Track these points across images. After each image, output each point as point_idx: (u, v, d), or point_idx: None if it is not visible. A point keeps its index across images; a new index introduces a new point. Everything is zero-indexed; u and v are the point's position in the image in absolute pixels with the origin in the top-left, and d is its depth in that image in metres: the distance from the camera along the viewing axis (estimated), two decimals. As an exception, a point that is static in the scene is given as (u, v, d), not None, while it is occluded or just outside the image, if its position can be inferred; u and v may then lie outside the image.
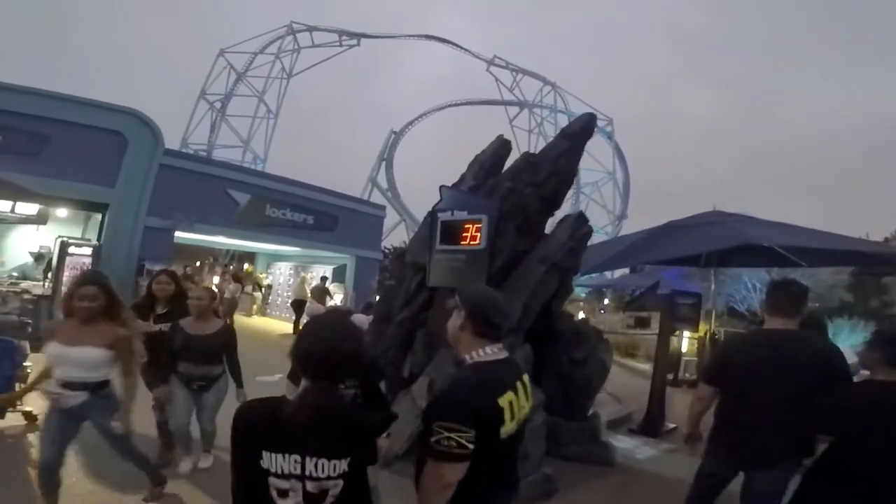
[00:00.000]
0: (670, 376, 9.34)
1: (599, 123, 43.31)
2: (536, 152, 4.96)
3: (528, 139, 42.73)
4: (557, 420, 4.58)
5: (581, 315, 14.09)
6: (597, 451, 4.50)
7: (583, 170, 42.54)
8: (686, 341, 9.92)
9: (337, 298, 13.72)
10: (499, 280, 4.29)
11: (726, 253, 6.15)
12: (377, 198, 34.16)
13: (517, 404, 1.57)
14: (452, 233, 4.40)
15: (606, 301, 25.00)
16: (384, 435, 2.01)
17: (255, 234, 12.60)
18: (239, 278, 14.06)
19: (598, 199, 42.15)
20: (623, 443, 5.17)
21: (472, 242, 4.24)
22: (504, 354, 1.69)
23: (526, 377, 1.73)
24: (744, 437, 2.58)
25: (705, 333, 9.83)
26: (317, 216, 13.42)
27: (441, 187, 4.70)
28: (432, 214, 4.66)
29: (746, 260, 7.01)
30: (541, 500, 3.61)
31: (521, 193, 4.56)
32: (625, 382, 8.21)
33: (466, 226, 4.33)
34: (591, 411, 4.94)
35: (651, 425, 5.66)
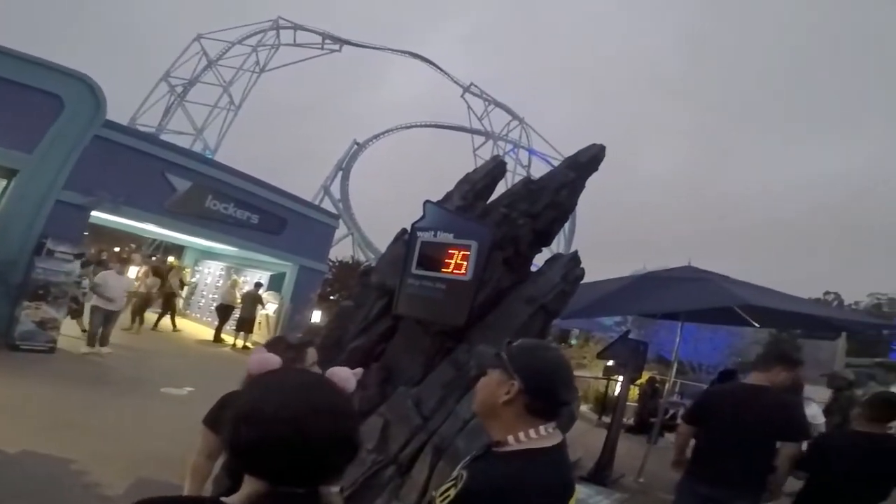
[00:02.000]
0: (608, 419, 9.45)
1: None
2: (536, 178, 4.53)
3: (506, 182, 43.48)
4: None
5: None
6: None
7: None
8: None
9: (269, 308, 12.62)
10: (478, 316, 3.76)
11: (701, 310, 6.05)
12: (328, 207, 33.35)
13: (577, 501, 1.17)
14: (434, 257, 3.81)
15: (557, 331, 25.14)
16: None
17: (189, 226, 11.28)
18: (159, 272, 12.60)
19: None
20: (578, 492, 4.80)
21: (455, 271, 3.67)
22: (559, 437, 1.21)
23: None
24: (719, 467, 3.02)
25: (648, 380, 10.16)
26: (263, 216, 12.29)
27: (426, 203, 4.12)
28: (411, 232, 4.06)
29: (710, 317, 7.04)
30: None
31: (515, 223, 4.09)
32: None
33: (451, 251, 3.75)
34: None
35: (601, 473, 5.52)
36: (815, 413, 4.75)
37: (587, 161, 4.30)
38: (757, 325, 6.65)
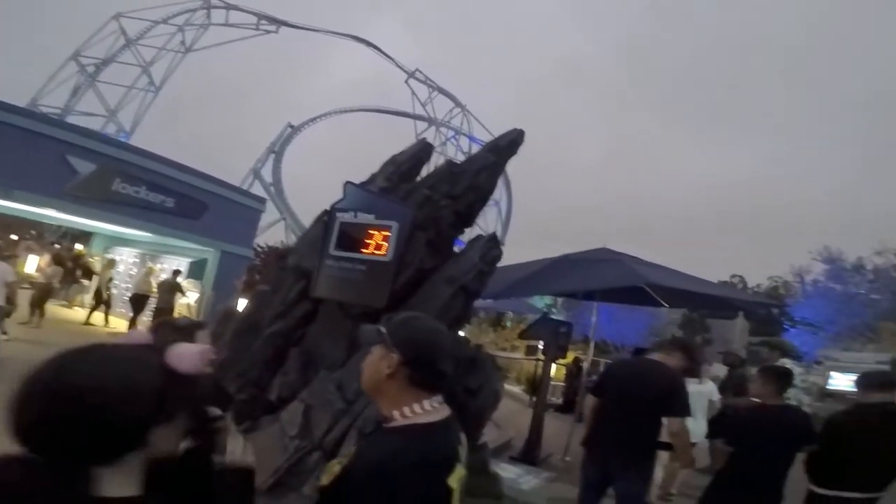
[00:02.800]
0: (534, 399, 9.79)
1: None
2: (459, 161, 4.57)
3: (432, 156, 43.57)
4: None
5: (461, 334, 14.03)
6: (486, 484, 4.14)
7: None
8: (553, 367, 10.40)
9: (190, 297, 11.92)
10: (400, 298, 3.76)
11: (613, 289, 6.40)
12: (258, 192, 31.91)
13: (463, 476, 1.16)
14: (353, 238, 3.76)
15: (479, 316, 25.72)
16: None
17: (94, 210, 10.35)
18: (61, 260, 11.51)
19: (481, 225, 44.55)
20: (507, 472, 4.98)
21: (376, 252, 3.64)
22: (446, 411, 1.23)
23: (462, 435, 1.29)
24: (611, 439, 3.23)
25: (574, 360, 10.59)
26: (180, 199, 11.48)
27: (346, 184, 4.03)
28: (330, 213, 3.97)
29: (620, 296, 7.47)
30: None
31: (437, 204, 4.11)
32: (500, 405, 8.23)
33: (371, 232, 3.72)
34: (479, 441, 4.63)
35: (530, 453, 5.66)
36: (711, 389, 4.97)
37: (507, 145, 4.39)
38: (667, 305, 7.16)
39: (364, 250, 3.67)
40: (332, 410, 3.39)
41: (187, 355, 0.92)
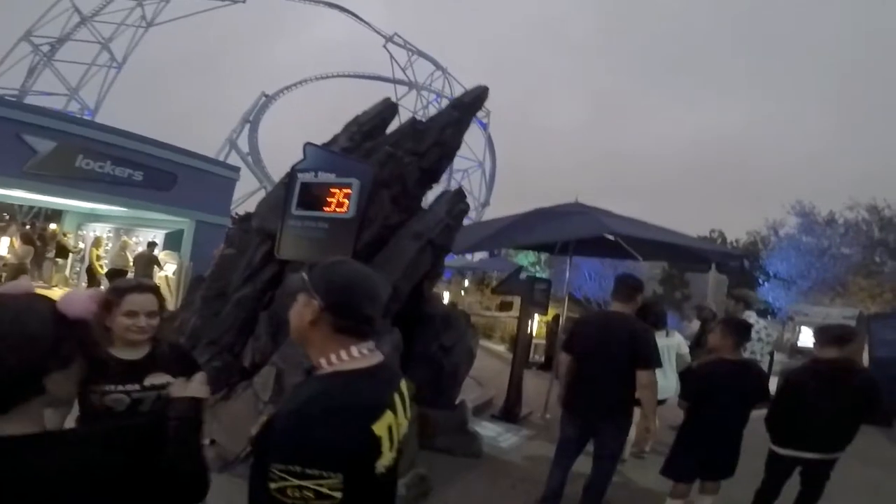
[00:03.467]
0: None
1: (478, 115, 45.84)
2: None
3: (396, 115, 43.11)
4: (426, 410, 4.24)
5: (447, 296, 13.98)
6: (465, 443, 4.26)
7: (457, 156, 45.10)
8: (536, 325, 10.44)
9: (168, 269, 11.77)
10: (366, 256, 3.74)
11: (579, 242, 6.43)
12: (236, 162, 31.23)
13: (397, 425, 1.09)
14: (314, 197, 3.70)
15: (467, 283, 25.87)
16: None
17: (59, 188, 10.09)
18: (30, 239, 11.23)
19: (466, 186, 44.80)
20: (487, 430, 5.02)
21: (338, 210, 3.60)
22: (378, 357, 1.17)
23: (405, 383, 1.23)
24: (586, 395, 3.16)
25: (554, 317, 10.53)
26: (147, 172, 11.20)
27: (306, 145, 3.95)
28: (290, 174, 3.90)
29: (594, 250, 7.51)
30: (417, 501, 3.24)
31: (401, 161, 4.05)
32: (484, 365, 8.28)
33: (333, 190, 3.67)
34: (457, 399, 4.71)
35: (510, 411, 5.65)
36: (678, 342, 4.76)
37: (471, 101, 4.34)
38: (640, 258, 7.20)
39: (326, 209, 3.63)
40: (304, 373, 3.41)
41: (77, 301, 0.90)
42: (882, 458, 5.21)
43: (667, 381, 4.16)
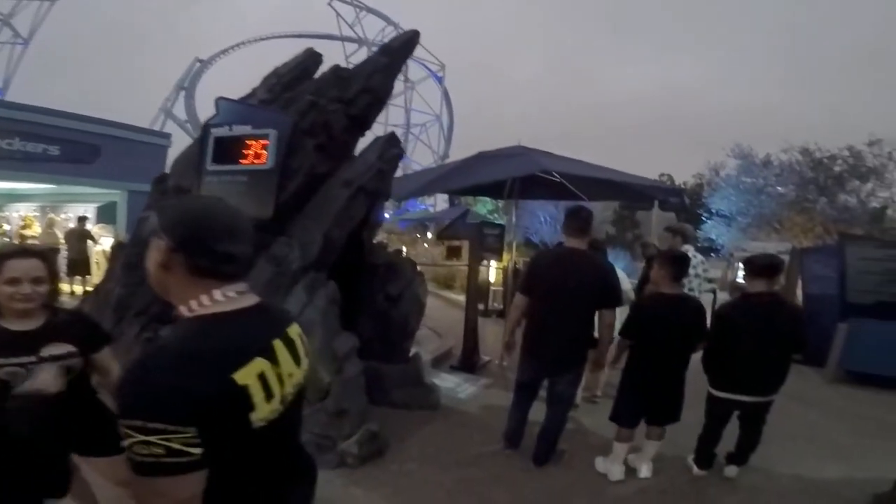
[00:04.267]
0: (481, 306, 9.83)
1: (432, 69, 45.38)
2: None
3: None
4: (377, 365, 4.18)
5: (404, 249, 13.77)
6: (421, 396, 4.21)
7: (413, 111, 44.94)
8: (493, 271, 10.50)
9: (104, 243, 11.09)
10: (294, 206, 3.57)
11: (526, 186, 6.40)
12: (174, 131, 29.35)
13: (278, 374, 0.98)
14: (230, 150, 3.48)
15: (429, 235, 25.75)
16: None
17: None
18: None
19: (424, 140, 45.15)
20: (446, 381, 5.00)
21: (255, 161, 3.39)
22: (250, 300, 1.03)
23: (296, 329, 1.12)
24: (545, 339, 3.02)
25: (508, 263, 10.60)
26: (65, 146, 10.43)
27: (218, 99, 3.68)
28: (203, 129, 3.63)
29: (541, 192, 7.52)
30: (372, 458, 3.19)
31: (325, 109, 3.82)
32: (444, 315, 8.32)
33: (249, 142, 3.45)
34: (412, 352, 4.64)
35: (468, 360, 5.61)
36: (622, 277, 4.73)
37: (400, 46, 4.10)
38: (585, 197, 7.22)
39: (243, 161, 3.42)
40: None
41: None
42: (817, 399, 5.03)
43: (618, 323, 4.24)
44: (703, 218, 20.46)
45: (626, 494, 3.04)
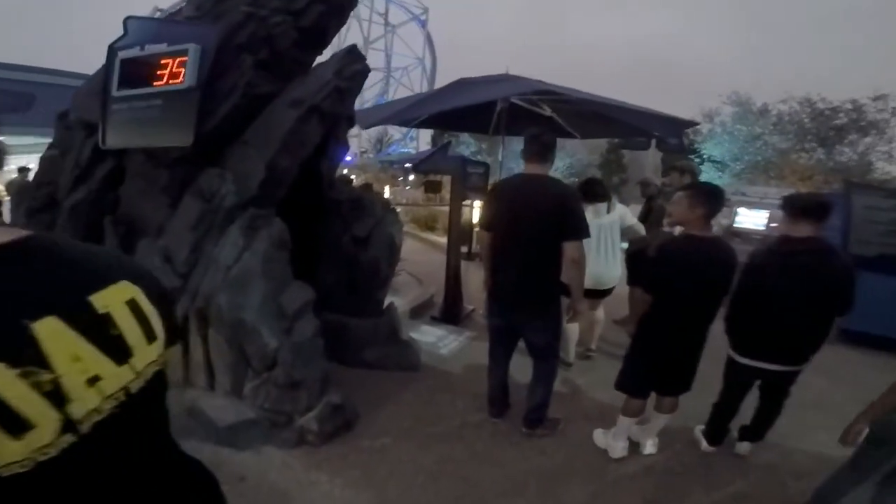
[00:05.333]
0: (464, 249, 9.29)
1: (415, 12, 43.08)
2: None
3: (361, 28, 40.93)
4: (345, 319, 3.65)
5: (387, 191, 12.96)
6: (398, 354, 3.70)
7: (395, 55, 42.93)
8: (477, 212, 9.91)
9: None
10: (229, 133, 2.87)
11: (513, 120, 5.68)
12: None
13: (54, 379, 0.51)
14: (142, 72, 2.77)
15: (412, 177, 24.77)
16: None
17: None
18: None
19: (406, 84, 43.31)
20: (426, 335, 4.49)
21: (171, 82, 2.67)
22: (12, 234, 0.56)
23: (133, 289, 0.63)
24: (503, 278, 2.66)
25: None
26: (-7, 96, 9.44)
27: (126, 19, 2.92)
28: (108, 53, 2.89)
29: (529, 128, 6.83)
30: (339, 434, 2.72)
31: (266, 22, 3.05)
32: (426, 259, 7.75)
33: (164, 61, 2.73)
34: (386, 303, 4.05)
35: (451, 311, 5.07)
36: (623, 213, 3.98)
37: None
38: (578, 135, 6.54)
39: (157, 83, 2.71)
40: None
41: None
42: (819, 362, 4.03)
43: (611, 268, 3.69)
44: (695, 163, 20.08)
45: (630, 473, 2.62)
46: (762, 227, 8.18)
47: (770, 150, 16.98)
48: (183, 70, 2.65)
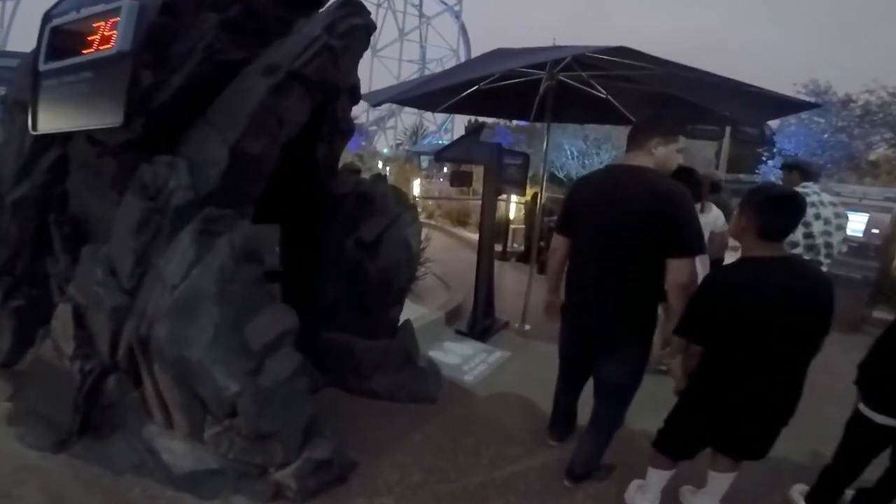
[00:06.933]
0: (498, 248, 8.47)
1: (450, 2, 42.41)
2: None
3: (376, 14, 41.93)
4: (349, 339, 3.03)
5: (416, 186, 11.98)
6: (412, 383, 3.04)
7: (429, 46, 42.46)
8: (514, 207, 9.06)
9: None
10: (186, 110, 2.26)
11: (561, 105, 4.80)
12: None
13: None
14: (72, 40, 2.23)
15: (445, 169, 23.98)
16: None
17: None
18: None
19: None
20: (449, 354, 3.76)
21: (102, 48, 2.09)
22: None
23: None
24: (581, 302, 2.16)
25: (533, 197, 8.81)
26: None
27: None
28: (42, 22, 2.34)
29: (580, 115, 5.89)
30: (326, 489, 2.13)
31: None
32: (455, 258, 7.00)
33: (97, 24, 2.17)
34: (404, 314, 3.33)
35: (480, 324, 4.32)
36: (717, 216, 3.38)
37: None
38: (632, 119, 5.56)
39: (86, 50, 2.13)
40: (106, 309, 2.10)
41: None
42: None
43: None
44: (763, 158, 18.11)
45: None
46: (860, 234, 6.85)
47: (857, 143, 15.04)
48: (114, 33, 2.05)
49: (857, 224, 6.91)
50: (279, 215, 2.67)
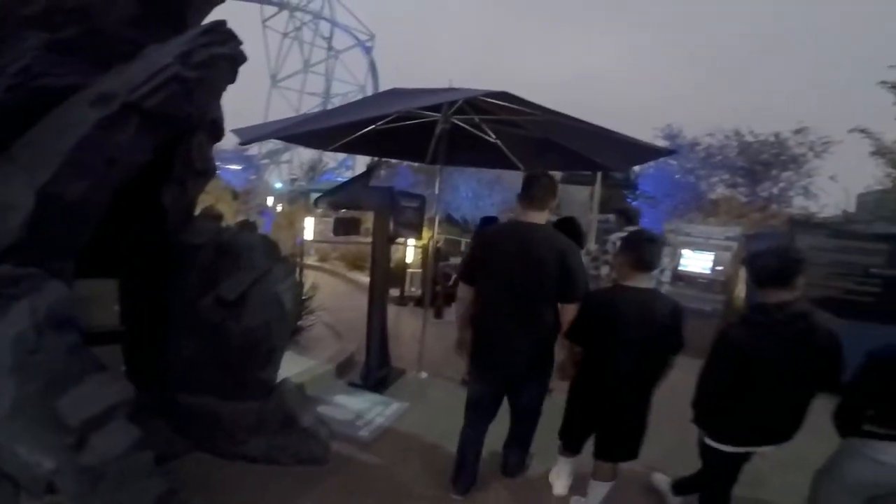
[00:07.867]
0: (396, 292, 8.23)
1: (361, 38, 42.66)
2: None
3: (281, 43, 41.26)
4: (215, 404, 2.64)
5: (309, 223, 11.06)
6: (295, 445, 2.69)
7: (335, 81, 42.16)
8: (411, 251, 8.95)
9: None
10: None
11: (454, 148, 4.85)
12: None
13: None
14: None
15: (343, 211, 23.43)
16: None
17: None
18: None
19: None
20: (341, 410, 3.42)
21: None
22: None
23: None
24: (497, 347, 2.40)
25: (429, 241, 8.74)
26: None
27: None
28: None
29: (472, 158, 6.02)
30: None
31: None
32: (350, 304, 6.59)
33: None
34: (283, 371, 2.94)
35: (374, 375, 4.04)
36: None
37: None
38: (521, 166, 5.81)
39: None
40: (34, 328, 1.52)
41: None
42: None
43: None
44: (629, 200, 20.24)
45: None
46: (708, 272, 7.76)
47: (702, 184, 17.30)
48: None
49: (705, 262, 7.87)
50: (120, 269, 2.23)
